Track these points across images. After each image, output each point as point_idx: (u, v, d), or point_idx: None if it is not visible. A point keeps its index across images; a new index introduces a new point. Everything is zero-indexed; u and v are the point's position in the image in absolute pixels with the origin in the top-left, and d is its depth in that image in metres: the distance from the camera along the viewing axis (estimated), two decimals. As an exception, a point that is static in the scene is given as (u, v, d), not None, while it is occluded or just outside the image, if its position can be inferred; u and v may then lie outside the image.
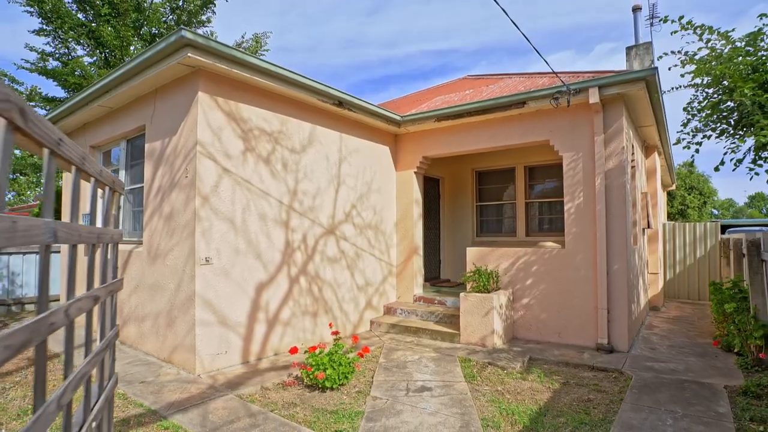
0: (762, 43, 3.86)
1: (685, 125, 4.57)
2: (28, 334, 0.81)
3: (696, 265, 9.57)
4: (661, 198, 12.09)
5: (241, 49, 4.72)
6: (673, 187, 15.41)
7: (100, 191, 1.60)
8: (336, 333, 4.69)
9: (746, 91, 3.49)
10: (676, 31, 4.13)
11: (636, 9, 9.77)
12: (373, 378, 4.47)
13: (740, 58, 3.65)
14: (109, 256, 1.76)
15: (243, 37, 13.62)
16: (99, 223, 1.71)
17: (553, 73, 5.54)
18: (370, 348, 5.25)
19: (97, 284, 1.59)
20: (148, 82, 4.87)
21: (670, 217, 19.27)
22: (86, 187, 1.61)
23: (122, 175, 5.87)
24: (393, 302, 7.21)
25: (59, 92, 11.02)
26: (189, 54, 4.17)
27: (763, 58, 3.77)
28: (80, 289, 1.27)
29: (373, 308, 6.86)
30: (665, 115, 6.75)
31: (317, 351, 4.27)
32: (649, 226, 7.50)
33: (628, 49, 9.05)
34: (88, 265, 1.51)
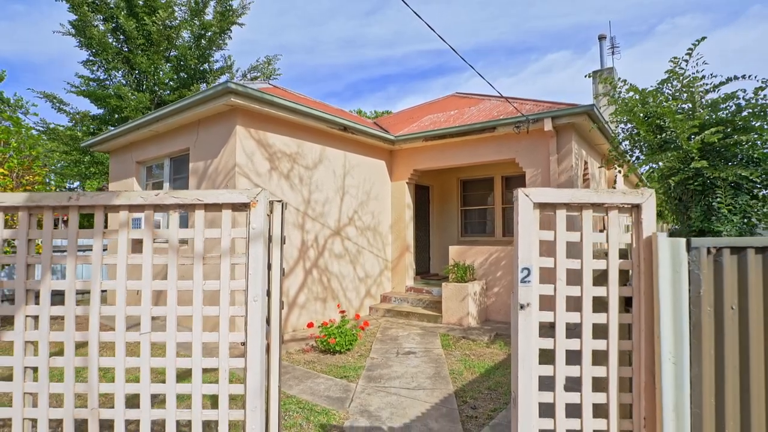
0: (667, 90, 5.19)
1: (612, 152, 5.91)
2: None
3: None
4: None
5: (269, 93, 6.04)
6: (647, 191, 16.73)
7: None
8: (343, 312, 6.02)
9: (642, 132, 4.82)
10: (601, 82, 5.46)
11: (601, 38, 11.09)
12: (371, 346, 5.80)
13: (640, 106, 4.98)
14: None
15: (258, 60, 15.09)
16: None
17: (509, 102, 6.88)
18: (369, 324, 6.58)
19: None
20: (195, 115, 6.19)
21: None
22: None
23: (166, 188, 7.19)
24: (388, 291, 8.55)
25: (94, 109, 12.49)
26: (231, 98, 5.49)
27: (662, 105, 5.10)
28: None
29: (371, 296, 8.20)
30: (615, 135, 8.08)
31: (329, 325, 5.60)
32: (604, 228, 8.84)
33: (594, 72, 10.36)
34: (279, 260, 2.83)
